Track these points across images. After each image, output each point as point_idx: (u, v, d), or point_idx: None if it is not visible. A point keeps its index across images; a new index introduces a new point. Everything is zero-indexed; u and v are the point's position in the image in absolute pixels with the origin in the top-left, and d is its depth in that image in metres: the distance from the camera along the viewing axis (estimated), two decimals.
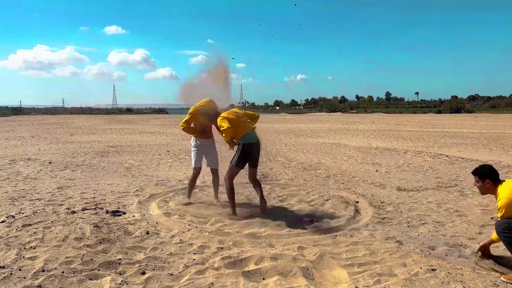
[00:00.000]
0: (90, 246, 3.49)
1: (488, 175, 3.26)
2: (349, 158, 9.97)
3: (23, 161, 8.87)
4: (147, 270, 3.08)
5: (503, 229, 3.08)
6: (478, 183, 3.33)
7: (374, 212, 4.87)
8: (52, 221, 4.17)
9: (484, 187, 3.30)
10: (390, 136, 17.20)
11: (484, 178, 3.28)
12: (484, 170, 3.30)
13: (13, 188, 5.97)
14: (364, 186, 6.54)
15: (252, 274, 3.06)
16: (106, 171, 7.72)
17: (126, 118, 40.61)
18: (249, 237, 3.90)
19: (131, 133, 18.97)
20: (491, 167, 3.33)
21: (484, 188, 3.30)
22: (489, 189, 3.28)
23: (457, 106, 67.01)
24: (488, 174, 3.27)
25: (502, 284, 2.91)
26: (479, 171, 3.32)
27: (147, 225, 4.23)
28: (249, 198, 5.46)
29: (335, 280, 3.02)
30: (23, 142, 13.77)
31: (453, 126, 24.61)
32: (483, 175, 3.29)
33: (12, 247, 3.42)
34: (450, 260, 3.34)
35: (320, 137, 16.98)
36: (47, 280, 2.83)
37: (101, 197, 5.45)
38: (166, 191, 5.93)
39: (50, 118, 41.58)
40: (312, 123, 31.78)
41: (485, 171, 3.29)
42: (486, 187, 3.28)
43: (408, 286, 2.84)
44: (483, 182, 3.29)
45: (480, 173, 3.31)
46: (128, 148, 11.89)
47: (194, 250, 3.54)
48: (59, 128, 22.78)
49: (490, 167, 3.32)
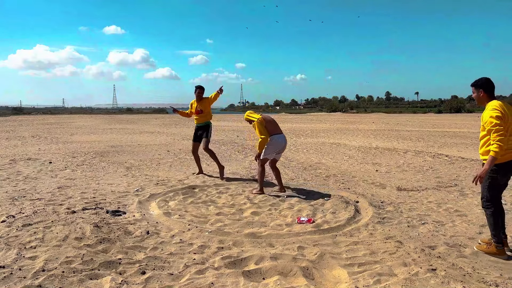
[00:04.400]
0: (90, 246, 3.50)
1: (483, 85, 3.49)
2: (349, 158, 9.97)
3: (23, 161, 8.87)
4: (147, 270, 3.08)
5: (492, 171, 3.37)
6: (474, 93, 3.58)
7: (374, 212, 4.87)
8: (52, 220, 4.17)
9: (478, 97, 3.54)
10: (390, 136, 17.19)
11: (479, 88, 3.52)
12: (480, 81, 3.53)
13: (13, 188, 5.97)
14: (364, 186, 6.54)
15: (252, 274, 3.07)
16: (106, 171, 7.72)
17: (126, 118, 40.61)
18: (249, 237, 3.91)
19: (131, 133, 18.96)
20: (487, 78, 3.52)
21: (478, 97, 3.54)
22: (482, 98, 3.51)
23: (457, 106, 67.04)
24: (483, 84, 3.50)
25: (502, 284, 2.91)
26: (476, 82, 3.56)
27: (147, 225, 4.23)
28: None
29: (335, 280, 3.02)
30: (23, 142, 13.77)
31: (453, 126, 24.61)
32: (478, 86, 3.52)
33: (12, 246, 3.43)
34: (450, 260, 3.34)
35: (320, 137, 16.97)
36: (47, 280, 2.83)
37: (101, 197, 5.45)
38: (166, 191, 5.93)
39: (50, 118, 41.58)
40: (312, 123, 31.77)
41: (480, 82, 3.52)
42: (480, 96, 3.52)
43: (408, 286, 2.85)
44: (478, 92, 3.53)
45: (476, 84, 3.55)
46: (128, 148, 11.89)
47: (194, 250, 3.54)
48: (59, 128, 22.78)
49: (486, 79, 3.52)
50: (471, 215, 4.79)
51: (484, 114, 3.42)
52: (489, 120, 3.32)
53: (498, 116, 3.27)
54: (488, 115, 3.35)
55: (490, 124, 3.30)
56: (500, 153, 3.25)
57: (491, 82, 3.49)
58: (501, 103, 3.42)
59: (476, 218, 4.63)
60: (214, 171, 7.73)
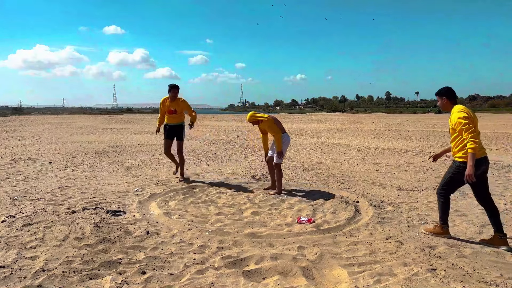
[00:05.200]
0: (90, 246, 3.50)
1: (446, 93, 3.91)
2: (349, 158, 9.97)
3: (23, 161, 8.87)
4: (147, 269, 3.08)
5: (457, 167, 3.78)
6: (439, 101, 3.99)
7: (374, 212, 4.87)
8: (53, 220, 4.17)
9: (442, 104, 3.96)
10: (390, 136, 17.19)
11: (442, 96, 3.93)
12: (443, 90, 3.94)
13: (14, 188, 5.97)
14: (364, 185, 6.54)
15: (252, 273, 3.07)
16: (106, 171, 7.72)
17: (126, 118, 40.61)
18: (249, 237, 3.91)
19: (131, 133, 18.96)
20: (448, 87, 3.94)
21: (443, 104, 3.96)
22: (446, 105, 3.92)
23: None
24: (446, 93, 3.92)
25: (502, 284, 2.91)
26: (439, 91, 3.97)
27: (147, 225, 4.23)
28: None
29: (335, 280, 3.02)
30: (23, 141, 13.77)
31: None
32: (442, 94, 3.94)
33: (12, 246, 3.43)
34: (450, 260, 3.34)
35: (320, 137, 16.97)
36: (47, 279, 2.83)
37: (101, 197, 5.45)
38: (166, 190, 5.93)
39: (50, 118, 41.58)
40: (312, 123, 31.77)
41: (443, 91, 3.94)
42: (444, 103, 3.94)
43: (408, 285, 2.84)
44: (441, 99, 3.94)
45: (439, 93, 3.96)
46: (129, 148, 11.89)
47: (194, 250, 3.54)
48: (59, 128, 22.78)
49: (448, 88, 3.94)
50: (471, 215, 4.79)
51: (452, 117, 3.75)
52: (458, 121, 3.64)
53: (465, 116, 3.62)
54: (456, 117, 3.67)
55: (460, 124, 3.62)
56: (477, 148, 3.54)
57: (452, 90, 3.94)
58: (465, 107, 3.77)
59: (476, 218, 4.63)
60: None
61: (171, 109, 6.71)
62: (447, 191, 3.94)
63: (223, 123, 30.64)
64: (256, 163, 8.75)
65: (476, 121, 3.73)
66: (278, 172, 5.89)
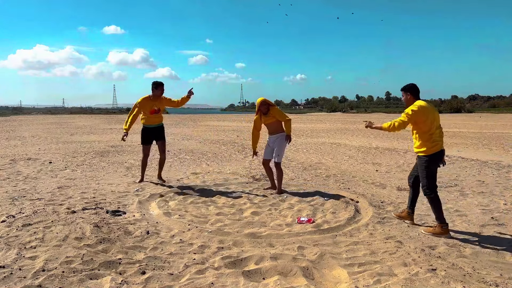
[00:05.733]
0: (90, 246, 3.50)
1: (410, 89, 4.12)
2: (349, 158, 9.97)
3: (23, 161, 8.87)
4: (147, 270, 3.08)
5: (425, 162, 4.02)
6: (403, 96, 4.19)
7: (374, 212, 4.87)
8: (52, 220, 4.17)
9: (406, 99, 4.16)
10: (390, 136, 17.19)
11: (407, 91, 4.14)
12: (408, 86, 4.15)
13: (13, 188, 5.97)
14: (364, 186, 6.54)
15: (252, 274, 3.07)
16: (106, 171, 7.72)
17: (126, 118, 40.56)
18: (249, 237, 3.91)
19: (131, 132, 18.83)
20: (413, 84, 4.15)
21: (406, 99, 4.16)
22: (410, 100, 4.11)
23: (457, 106, 67.04)
24: (410, 88, 4.13)
25: (502, 284, 2.91)
26: (404, 87, 4.17)
27: (147, 225, 4.23)
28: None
29: (335, 280, 3.02)
30: (23, 141, 13.77)
31: (453, 126, 24.60)
32: (406, 89, 4.15)
33: (12, 246, 3.43)
34: (450, 260, 3.34)
35: (320, 137, 16.97)
36: (47, 279, 2.83)
37: (101, 197, 5.45)
38: (166, 190, 5.93)
39: (50, 118, 41.57)
40: (312, 123, 31.77)
41: (408, 86, 4.15)
42: (407, 98, 4.14)
43: (408, 286, 2.84)
44: (406, 95, 4.15)
45: (404, 89, 4.17)
46: (129, 148, 11.90)
47: (194, 250, 3.54)
48: (59, 128, 22.77)
49: (413, 84, 4.15)
50: (471, 215, 4.79)
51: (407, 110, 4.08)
52: (407, 111, 3.99)
53: (413, 110, 3.94)
54: (409, 109, 4.00)
55: (405, 113, 3.99)
56: (388, 130, 4.07)
57: (416, 86, 4.15)
58: (424, 103, 4.00)
59: (476, 218, 4.63)
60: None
61: (155, 108, 6.37)
62: (432, 186, 4.05)
63: (223, 123, 30.64)
64: (256, 163, 8.75)
65: (436, 117, 4.03)
66: (278, 172, 5.90)
